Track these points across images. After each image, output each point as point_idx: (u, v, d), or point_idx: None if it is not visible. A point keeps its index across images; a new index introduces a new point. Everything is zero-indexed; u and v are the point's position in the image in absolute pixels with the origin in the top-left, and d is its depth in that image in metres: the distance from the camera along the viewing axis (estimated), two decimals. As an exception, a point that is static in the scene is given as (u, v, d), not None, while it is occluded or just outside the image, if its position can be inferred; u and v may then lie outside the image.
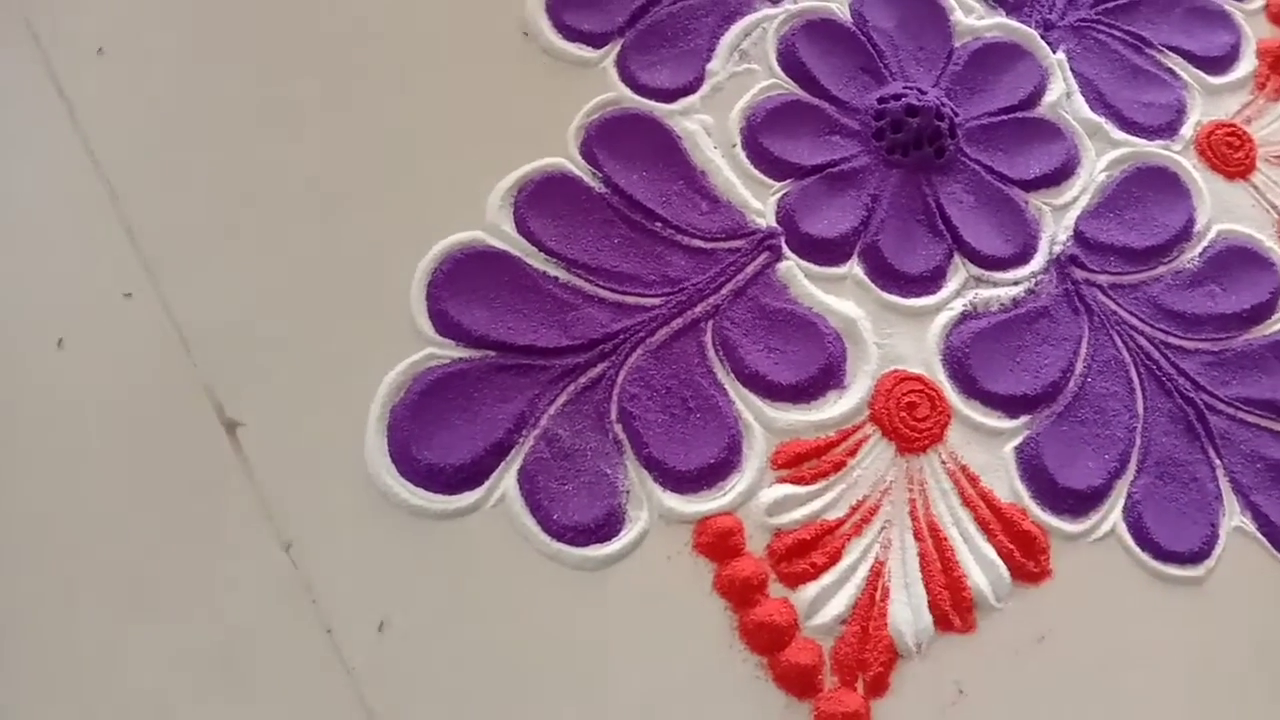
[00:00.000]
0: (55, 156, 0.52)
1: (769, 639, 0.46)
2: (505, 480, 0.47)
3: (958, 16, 0.64)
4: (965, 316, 0.55)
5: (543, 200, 0.54)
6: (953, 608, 0.48)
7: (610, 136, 0.56)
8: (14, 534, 0.44)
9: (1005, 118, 0.61)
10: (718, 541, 0.47)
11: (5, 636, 0.42)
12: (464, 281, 0.51)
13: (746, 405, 0.50)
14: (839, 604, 0.47)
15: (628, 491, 0.48)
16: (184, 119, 0.54)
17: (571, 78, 0.58)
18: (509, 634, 0.45)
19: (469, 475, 0.47)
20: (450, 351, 0.49)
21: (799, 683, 0.45)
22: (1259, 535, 0.52)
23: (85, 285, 0.49)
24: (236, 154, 0.53)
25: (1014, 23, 0.64)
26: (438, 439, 0.47)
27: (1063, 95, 0.62)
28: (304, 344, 0.49)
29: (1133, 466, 0.52)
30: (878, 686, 0.46)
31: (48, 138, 0.52)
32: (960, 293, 0.55)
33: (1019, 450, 0.52)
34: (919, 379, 0.52)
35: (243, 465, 0.47)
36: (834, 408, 0.51)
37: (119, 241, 0.50)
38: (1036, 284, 0.56)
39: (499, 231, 0.53)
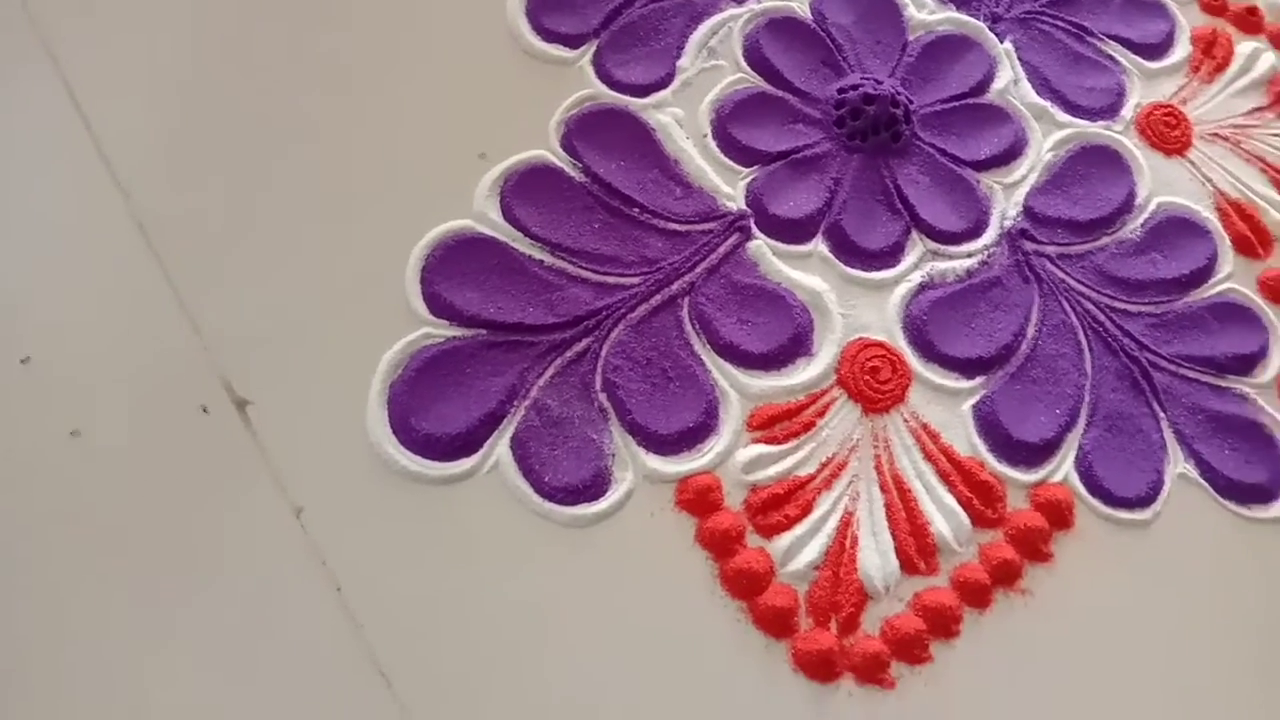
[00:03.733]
0: (72, 166, 0.55)
1: (748, 585, 0.49)
2: (499, 447, 0.51)
3: (911, 11, 0.68)
4: (923, 287, 0.58)
5: (527, 190, 0.57)
6: (918, 552, 0.51)
7: (589, 130, 0.60)
8: (32, 509, 0.47)
9: (957, 104, 0.65)
10: (698, 498, 0.51)
11: (26, 602, 0.45)
12: (455, 266, 0.54)
13: (722, 373, 0.54)
14: (812, 551, 0.50)
15: (613, 455, 0.51)
16: (191, 122, 0.57)
17: (551, 76, 0.62)
18: (506, 588, 0.48)
19: (465, 443, 0.50)
20: (444, 331, 0.53)
21: (776, 624, 0.49)
22: (1201, 481, 0.56)
23: (102, 280, 0.53)
24: (243, 153, 0.57)
25: (964, 16, 0.68)
26: (435, 410, 0.51)
27: (1010, 82, 0.66)
28: (308, 327, 0.53)
29: (1083, 420, 0.56)
30: (849, 626, 0.49)
31: (63, 147, 0.56)
32: (918, 265, 0.59)
33: (976, 408, 0.56)
34: (881, 345, 0.56)
35: (253, 439, 0.50)
36: (803, 373, 0.55)
37: (132, 238, 0.53)
38: (989, 256, 0.60)
39: (487, 219, 0.56)
